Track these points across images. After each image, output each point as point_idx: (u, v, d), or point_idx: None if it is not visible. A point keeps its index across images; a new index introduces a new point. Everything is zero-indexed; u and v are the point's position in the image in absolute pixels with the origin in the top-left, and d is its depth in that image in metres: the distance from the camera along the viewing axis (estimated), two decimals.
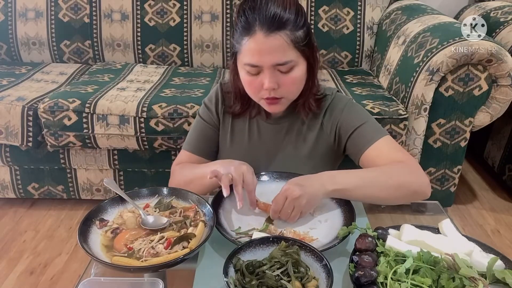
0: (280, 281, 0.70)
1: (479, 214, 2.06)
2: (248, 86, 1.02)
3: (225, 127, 1.16)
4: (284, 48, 0.94)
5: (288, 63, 0.96)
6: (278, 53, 0.94)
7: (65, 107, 1.71)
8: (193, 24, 2.24)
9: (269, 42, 0.93)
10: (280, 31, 0.93)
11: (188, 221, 0.85)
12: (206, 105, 1.16)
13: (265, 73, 0.97)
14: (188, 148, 1.15)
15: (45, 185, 1.93)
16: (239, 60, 1.01)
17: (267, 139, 1.14)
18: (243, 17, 0.96)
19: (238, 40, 0.98)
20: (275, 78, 0.97)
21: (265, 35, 0.93)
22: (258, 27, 0.93)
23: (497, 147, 2.17)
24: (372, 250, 0.77)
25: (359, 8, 2.24)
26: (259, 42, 0.94)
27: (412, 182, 0.97)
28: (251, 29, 0.94)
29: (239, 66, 1.02)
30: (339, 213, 0.95)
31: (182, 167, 1.12)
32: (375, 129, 1.07)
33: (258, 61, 0.96)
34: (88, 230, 0.82)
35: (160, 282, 0.72)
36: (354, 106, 1.12)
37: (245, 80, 1.01)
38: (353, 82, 2.04)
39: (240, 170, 0.93)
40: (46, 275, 1.64)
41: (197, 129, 1.17)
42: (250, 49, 0.95)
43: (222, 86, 1.16)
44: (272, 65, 0.96)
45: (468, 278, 0.68)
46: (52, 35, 2.25)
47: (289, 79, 0.98)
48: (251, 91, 1.04)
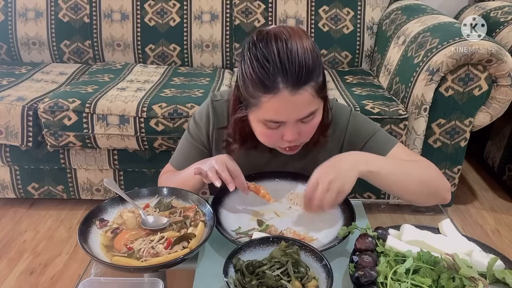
0: (280, 281, 0.70)
1: (479, 214, 2.06)
2: (265, 137, 0.94)
3: (219, 147, 1.09)
4: (310, 101, 0.86)
5: (311, 114, 0.89)
6: (305, 107, 0.87)
7: (65, 107, 1.71)
8: (193, 24, 2.24)
9: (296, 99, 0.84)
10: (307, 85, 0.84)
11: (188, 221, 0.85)
12: (196, 122, 1.09)
13: (287, 127, 0.89)
14: (174, 164, 1.11)
15: (45, 185, 1.93)
16: (256, 114, 0.90)
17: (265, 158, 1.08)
18: (260, 68, 0.83)
19: (255, 95, 0.86)
20: (297, 129, 0.90)
21: (291, 93, 0.83)
22: (282, 84, 0.82)
23: (497, 147, 2.17)
24: (372, 250, 0.77)
25: (359, 8, 2.24)
26: (285, 100, 0.83)
27: (438, 181, 0.95)
28: (274, 86, 0.83)
29: (253, 119, 0.92)
30: (339, 213, 0.95)
31: (166, 177, 1.09)
32: (386, 139, 1.04)
33: (283, 118, 0.87)
34: (88, 230, 0.82)
35: (160, 282, 0.72)
36: (358, 116, 1.07)
37: (262, 132, 0.93)
38: (353, 82, 2.04)
39: (221, 160, 0.91)
40: (46, 275, 1.64)
41: (184, 147, 1.11)
42: (274, 108, 0.85)
43: (214, 103, 1.07)
44: (298, 119, 0.88)
45: (468, 278, 0.68)
46: (52, 35, 2.25)
47: (309, 126, 0.92)
48: (267, 142, 0.96)
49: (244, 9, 2.24)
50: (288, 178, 1.05)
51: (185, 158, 1.10)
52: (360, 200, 1.04)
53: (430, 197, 0.96)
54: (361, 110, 1.70)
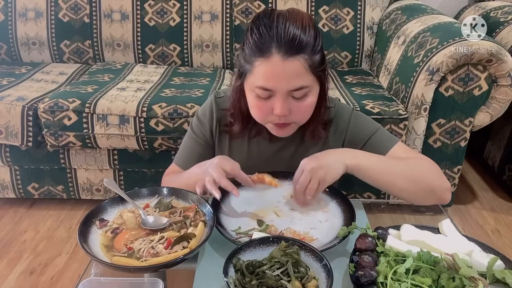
0: (280, 281, 0.70)
1: (479, 214, 2.06)
2: (256, 109, 0.96)
3: (222, 145, 1.11)
4: (301, 73, 0.88)
5: (303, 89, 0.90)
6: (295, 78, 0.89)
7: (65, 107, 1.71)
8: (193, 24, 2.24)
9: (286, 66, 0.87)
10: (299, 55, 0.87)
11: (188, 221, 0.85)
12: (199, 119, 1.10)
13: (277, 98, 0.91)
14: (178, 163, 1.12)
15: (45, 185, 1.93)
16: (249, 81, 0.94)
17: (267, 158, 1.10)
18: (258, 35, 0.89)
19: (250, 60, 0.91)
20: (287, 104, 0.91)
21: (282, 58, 0.86)
22: (275, 48, 0.86)
23: (497, 147, 2.17)
24: (372, 250, 0.77)
25: (359, 8, 2.24)
26: (275, 65, 0.87)
27: (433, 179, 0.95)
28: (267, 50, 0.87)
29: (247, 88, 0.96)
30: (339, 213, 0.95)
31: (169, 179, 1.09)
32: (386, 137, 1.05)
33: (272, 85, 0.89)
34: (88, 230, 0.82)
35: (160, 282, 0.72)
36: (359, 116, 1.08)
37: (254, 103, 0.95)
38: (352, 82, 2.04)
39: (217, 166, 0.90)
40: (46, 275, 1.64)
41: (188, 145, 1.12)
42: (265, 72, 0.89)
43: (217, 99, 1.09)
44: (287, 91, 0.90)
45: (468, 278, 0.68)
46: (52, 35, 2.25)
47: (302, 105, 0.93)
48: (258, 115, 0.98)
49: (244, 9, 2.24)
50: (288, 178, 1.05)
51: (189, 155, 1.11)
52: (360, 200, 1.04)
53: (424, 195, 0.96)
54: (361, 110, 1.69)
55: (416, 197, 0.97)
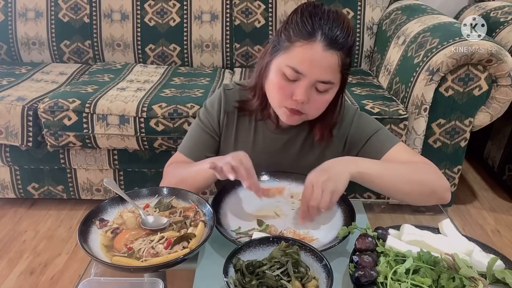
0: (280, 281, 0.70)
1: (479, 214, 2.06)
2: (278, 90, 0.96)
3: (228, 138, 1.12)
4: (334, 68, 0.92)
5: (328, 83, 0.93)
6: (327, 70, 0.91)
7: (65, 107, 1.71)
8: (193, 24, 2.24)
9: (324, 56, 0.90)
10: (338, 51, 0.91)
11: (188, 221, 0.85)
12: (207, 109, 1.12)
13: (302, 84, 0.92)
14: (183, 152, 1.11)
15: (45, 185, 1.93)
16: (281, 58, 0.94)
17: (272, 149, 1.11)
18: (307, 19, 0.91)
19: (291, 39, 0.92)
20: (309, 93, 0.93)
21: (324, 48, 0.89)
22: (321, 37, 0.89)
23: (497, 147, 2.17)
24: (372, 250, 0.77)
25: (359, 8, 2.24)
26: (315, 52, 0.89)
27: (434, 181, 0.96)
28: (312, 35, 0.90)
29: (275, 67, 0.96)
30: (339, 213, 0.95)
31: (176, 166, 1.09)
32: (388, 137, 1.05)
33: (305, 70, 0.91)
34: (88, 230, 0.82)
35: (160, 282, 0.72)
36: (362, 116, 1.10)
37: (277, 83, 0.95)
38: (352, 82, 2.04)
39: (238, 157, 0.90)
40: (46, 275, 1.64)
41: (194, 133, 1.12)
42: (303, 55, 0.90)
43: (226, 91, 1.11)
44: (315, 80, 0.92)
45: (468, 278, 0.68)
46: (52, 35, 2.25)
47: (320, 99, 0.96)
48: (277, 96, 0.97)
49: (244, 9, 2.24)
50: (288, 179, 1.05)
51: (195, 144, 1.11)
52: (360, 200, 1.05)
53: (426, 197, 0.97)
54: (361, 110, 1.69)
55: (419, 199, 0.98)
